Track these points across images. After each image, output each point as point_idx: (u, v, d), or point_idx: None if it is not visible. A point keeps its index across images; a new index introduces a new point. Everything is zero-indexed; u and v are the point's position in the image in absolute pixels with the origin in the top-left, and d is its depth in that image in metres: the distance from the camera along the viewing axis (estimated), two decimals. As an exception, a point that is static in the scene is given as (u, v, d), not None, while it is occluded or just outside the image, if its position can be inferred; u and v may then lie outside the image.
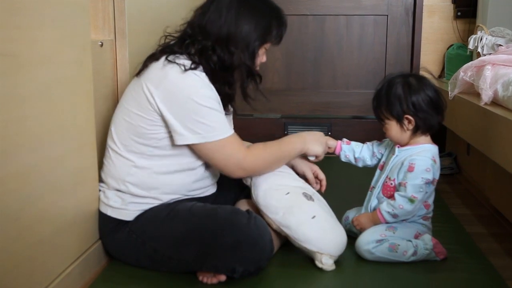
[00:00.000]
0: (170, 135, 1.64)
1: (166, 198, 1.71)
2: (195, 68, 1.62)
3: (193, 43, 1.67)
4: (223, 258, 1.57)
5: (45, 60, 1.37)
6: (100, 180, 1.74)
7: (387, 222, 1.76)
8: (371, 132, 3.33)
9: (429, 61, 3.27)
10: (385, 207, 1.74)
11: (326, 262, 1.68)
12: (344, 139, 1.93)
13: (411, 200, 1.71)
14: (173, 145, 1.65)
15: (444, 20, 3.23)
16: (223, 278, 1.61)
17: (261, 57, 1.76)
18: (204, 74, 1.63)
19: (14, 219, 1.26)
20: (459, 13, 3.17)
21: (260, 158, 1.74)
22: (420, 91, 1.74)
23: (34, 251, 1.36)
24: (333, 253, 1.70)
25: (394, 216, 1.73)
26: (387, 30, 3.28)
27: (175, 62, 1.62)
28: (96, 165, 1.70)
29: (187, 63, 1.62)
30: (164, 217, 1.65)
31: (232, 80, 1.71)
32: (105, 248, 1.76)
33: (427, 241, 1.76)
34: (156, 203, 1.70)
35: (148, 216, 1.68)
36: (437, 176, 1.76)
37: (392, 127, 1.78)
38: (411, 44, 3.28)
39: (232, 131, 1.68)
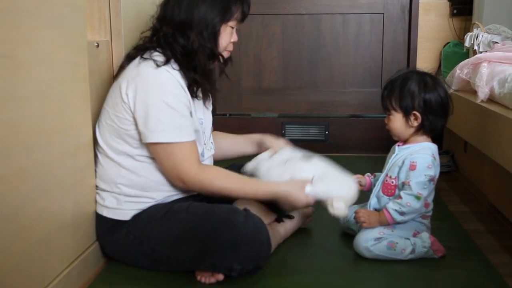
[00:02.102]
0: None
1: (161, 196, 1.71)
2: (167, 63, 1.63)
3: (160, 36, 1.69)
4: (221, 256, 1.57)
5: (41, 60, 1.37)
6: (96, 186, 1.74)
7: (394, 221, 1.74)
8: (368, 130, 3.34)
9: (426, 59, 3.27)
10: (392, 205, 1.73)
11: (338, 206, 1.68)
12: (368, 174, 1.95)
13: (418, 197, 1.71)
14: None
15: (440, 18, 3.23)
16: (221, 277, 1.61)
17: (228, 37, 1.75)
18: (177, 71, 1.64)
19: (11, 220, 1.26)
20: (455, 11, 3.17)
21: (205, 184, 1.65)
22: (434, 91, 1.75)
23: (32, 252, 1.36)
24: (344, 196, 1.71)
25: (402, 214, 1.72)
26: (383, 28, 3.28)
27: (150, 58, 1.64)
28: (93, 166, 1.70)
29: (161, 59, 1.64)
30: (162, 217, 1.65)
31: (196, 64, 1.68)
32: (103, 249, 1.76)
33: (425, 239, 1.77)
34: (151, 202, 1.70)
35: (146, 216, 1.68)
36: (437, 174, 1.76)
37: (397, 119, 1.78)
38: (407, 42, 3.28)
39: (190, 138, 1.64)
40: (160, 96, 1.59)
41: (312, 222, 2.06)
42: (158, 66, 1.61)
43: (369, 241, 1.74)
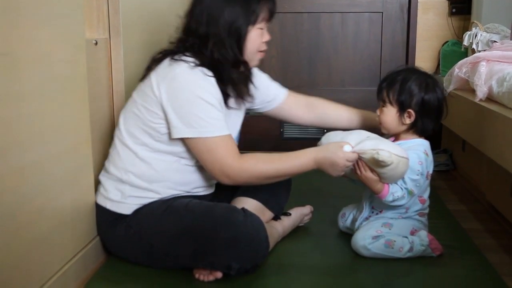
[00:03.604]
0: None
1: (166, 193, 1.71)
2: (201, 65, 1.63)
3: (188, 45, 1.68)
4: (219, 255, 1.57)
5: (39, 58, 1.37)
6: (105, 170, 1.75)
7: (383, 198, 1.71)
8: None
9: (424, 57, 3.28)
10: (393, 189, 1.70)
11: (383, 153, 1.61)
12: None
13: (410, 193, 1.71)
14: (174, 141, 1.65)
15: (439, 17, 3.23)
16: (219, 275, 1.62)
17: (258, 38, 1.72)
18: (210, 72, 1.64)
19: (10, 217, 1.26)
20: (453, 10, 3.17)
21: (250, 171, 1.65)
22: (433, 93, 1.75)
23: (30, 250, 1.36)
24: (390, 149, 1.64)
25: (394, 200, 1.71)
26: (382, 27, 3.28)
27: (181, 60, 1.64)
28: (91, 163, 1.70)
29: (193, 60, 1.64)
30: (161, 213, 1.65)
31: (223, 75, 1.67)
32: (103, 242, 1.77)
33: (423, 237, 1.77)
34: (155, 197, 1.70)
35: (145, 211, 1.68)
36: (430, 170, 1.76)
37: (390, 113, 1.78)
38: (406, 41, 3.28)
39: (227, 132, 1.65)
40: (195, 92, 1.60)
41: (310, 219, 2.06)
42: (191, 66, 1.62)
43: (367, 239, 1.74)
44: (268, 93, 1.99)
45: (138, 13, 2.04)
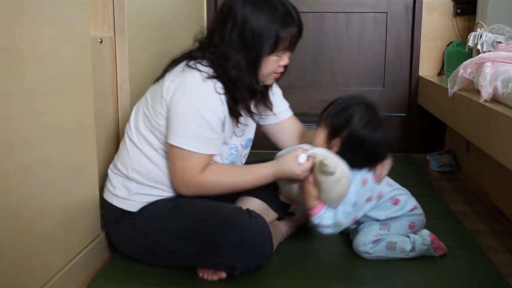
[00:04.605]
0: None
1: (172, 192, 1.71)
2: (212, 77, 1.61)
3: (207, 55, 1.65)
4: (223, 255, 1.57)
5: (44, 56, 1.37)
6: (114, 166, 1.75)
7: (310, 218, 1.68)
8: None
9: (429, 58, 3.27)
10: (325, 214, 1.66)
11: (330, 162, 1.58)
12: None
13: (338, 225, 1.68)
14: None
15: (443, 17, 3.23)
16: (223, 275, 1.62)
17: (275, 64, 1.68)
18: (221, 85, 1.62)
19: (15, 214, 1.26)
20: (458, 10, 3.16)
21: (209, 186, 1.64)
22: (371, 132, 1.64)
23: (35, 246, 1.36)
24: (340, 163, 1.61)
25: (319, 226, 1.68)
26: (386, 28, 3.28)
27: (195, 68, 1.62)
28: (96, 161, 1.70)
29: (208, 70, 1.62)
30: (167, 211, 1.66)
31: (237, 96, 1.65)
32: (108, 238, 1.78)
33: (425, 236, 1.77)
34: (162, 195, 1.70)
35: (152, 209, 1.68)
36: (375, 193, 1.73)
37: (321, 135, 1.70)
38: (410, 42, 3.27)
39: (210, 152, 1.62)
40: (195, 105, 1.58)
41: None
42: (203, 77, 1.60)
43: (367, 244, 1.74)
44: (276, 106, 1.94)
45: (143, 11, 2.04)
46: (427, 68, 3.28)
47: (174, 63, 1.70)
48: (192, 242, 1.60)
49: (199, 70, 1.62)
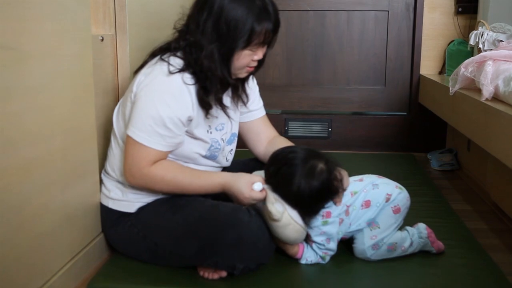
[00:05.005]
0: None
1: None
2: (182, 71, 1.60)
3: (182, 44, 1.64)
4: (223, 255, 1.57)
5: (45, 53, 1.37)
6: (105, 170, 1.75)
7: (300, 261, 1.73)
8: (371, 128, 3.34)
9: (430, 57, 3.27)
10: (307, 254, 1.73)
11: (278, 207, 1.59)
12: None
13: (323, 258, 1.73)
14: None
15: (445, 16, 3.22)
16: (224, 274, 1.62)
17: (247, 58, 1.64)
18: (190, 76, 1.60)
19: (15, 211, 1.26)
20: (460, 9, 3.16)
21: (154, 180, 1.62)
22: (308, 189, 1.60)
23: (35, 244, 1.36)
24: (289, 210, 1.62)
25: (309, 264, 1.73)
26: (388, 26, 3.28)
27: (167, 62, 1.62)
28: (97, 159, 1.70)
29: (177, 63, 1.62)
30: (166, 212, 1.65)
31: (208, 87, 1.63)
32: (107, 240, 1.77)
33: (421, 229, 1.78)
34: (158, 195, 1.70)
35: (150, 210, 1.68)
36: (343, 210, 1.72)
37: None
38: (411, 40, 3.27)
39: (162, 148, 1.59)
40: (154, 101, 1.57)
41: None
42: (170, 72, 1.59)
43: (367, 251, 1.73)
44: (250, 103, 1.92)
45: (144, 9, 2.04)
46: (428, 67, 3.28)
47: (153, 54, 1.69)
48: (192, 242, 1.59)
49: (170, 64, 1.61)
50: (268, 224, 1.62)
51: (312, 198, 1.62)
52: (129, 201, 1.70)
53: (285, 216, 1.59)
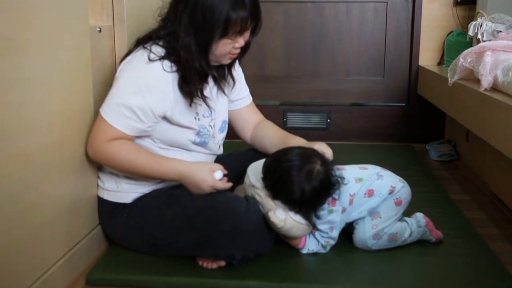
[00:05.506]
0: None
1: (159, 181, 1.71)
2: (163, 58, 1.60)
3: (163, 33, 1.65)
4: (222, 244, 1.57)
5: (43, 44, 1.36)
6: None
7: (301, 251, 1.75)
8: (370, 119, 3.34)
9: (429, 47, 3.26)
10: (309, 243, 1.74)
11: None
12: None
13: (325, 247, 1.75)
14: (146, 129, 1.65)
15: (444, 7, 3.21)
16: (222, 263, 1.62)
17: (227, 47, 1.63)
18: (170, 64, 1.61)
19: (12, 202, 1.26)
20: (459, 0, 3.15)
21: (109, 155, 1.60)
22: (309, 190, 1.59)
23: (33, 235, 1.36)
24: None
25: (311, 253, 1.74)
26: (386, 17, 3.27)
27: (148, 49, 1.62)
28: (95, 151, 1.70)
29: (158, 52, 1.62)
30: (163, 203, 1.65)
31: (187, 76, 1.63)
32: (104, 232, 1.77)
33: (419, 218, 1.79)
34: (150, 185, 1.71)
35: (147, 201, 1.68)
36: (347, 198, 1.72)
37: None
38: (410, 31, 3.26)
39: (125, 131, 1.59)
40: (129, 84, 1.59)
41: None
42: (150, 60, 1.60)
43: (368, 241, 1.74)
44: (237, 93, 1.93)
45: (142, 0, 2.03)
46: (427, 58, 3.27)
47: (138, 43, 1.69)
48: (190, 233, 1.60)
49: (151, 51, 1.61)
50: (274, 229, 1.62)
51: (314, 199, 1.62)
52: (124, 192, 1.70)
53: (288, 221, 1.60)
